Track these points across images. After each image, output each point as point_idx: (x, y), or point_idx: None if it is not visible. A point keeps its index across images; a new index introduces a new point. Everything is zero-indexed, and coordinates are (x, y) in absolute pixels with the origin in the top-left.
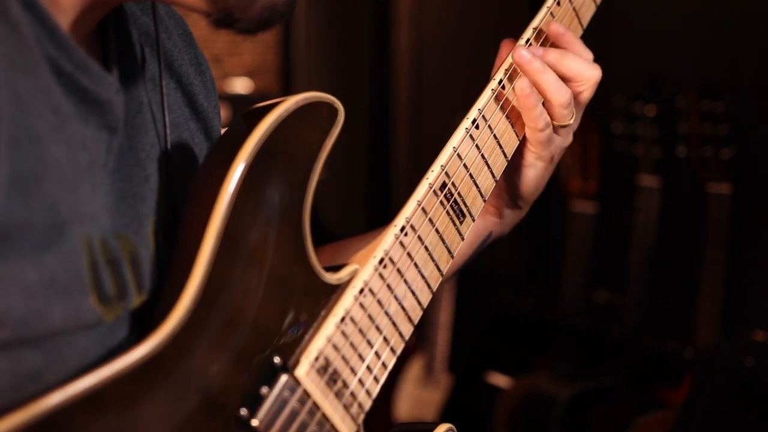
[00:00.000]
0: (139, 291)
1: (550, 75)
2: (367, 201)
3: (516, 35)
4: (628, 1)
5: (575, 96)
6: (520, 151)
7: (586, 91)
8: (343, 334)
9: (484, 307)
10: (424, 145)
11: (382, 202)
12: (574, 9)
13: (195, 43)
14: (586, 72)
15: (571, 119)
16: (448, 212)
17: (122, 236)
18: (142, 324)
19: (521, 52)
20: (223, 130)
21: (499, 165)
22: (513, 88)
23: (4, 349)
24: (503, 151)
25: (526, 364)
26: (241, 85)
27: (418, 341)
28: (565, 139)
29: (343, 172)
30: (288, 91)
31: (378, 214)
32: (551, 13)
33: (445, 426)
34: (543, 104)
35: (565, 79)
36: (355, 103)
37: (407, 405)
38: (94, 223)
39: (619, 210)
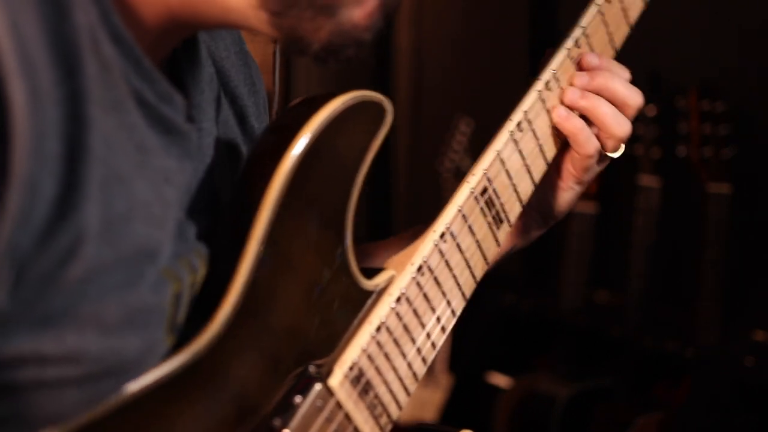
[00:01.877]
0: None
1: (606, 107)
2: (367, 201)
3: (516, 35)
4: None
5: None
6: (558, 173)
7: (630, 115)
8: (378, 344)
9: (485, 308)
10: (424, 145)
11: (382, 202)
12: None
13: (251, 61)
14: (631, 98)
15: (622, 150)
16: (487, 218)
17: (186, 261)
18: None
19: (571, 96)
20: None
21: (539, 170)
22: (551, 111)
23: (80, 383)
24: (545, 157)
25: (526, 364)
26: None
27: None
28: (604, 164)
29: None
30: (288, 90)
31: (378, 214)
32: (600, 12)
33: None
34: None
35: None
36: None
37: (407, 405)
38: (169, 253)
39: (619, 210)
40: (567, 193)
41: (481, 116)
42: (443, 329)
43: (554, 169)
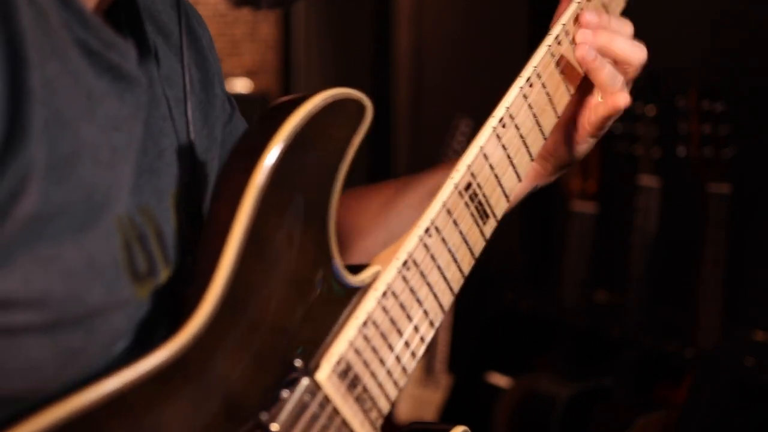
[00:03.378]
0: (166, 265)
1: (621, 39)
2: None
3: (516, 35)
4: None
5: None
6: (575, 128)
7: (632, 73)
8: (365, 338)
9: (484, 308)
10: (424, 145)
11: None
12: (603, 4)
13: (191, 10)
14: (633, 56)
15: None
16: (472, 214)
17: (145, 211)
18: (171, 298)
19: (588, 17)
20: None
21: (524, 164)
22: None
23: (46, 331)
24: (529, 152)
25: (526, 364)
26: (241, 85)
27: None
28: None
29: None
30: (288, 91)
31: None
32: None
33: (461, 428)
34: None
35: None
36: None
37: (407, 405)
38: (124, 199)
39: (619, 210)
40: (582, 146)
41: (481, 116)
42: (431, 323)
43: (570, 125)
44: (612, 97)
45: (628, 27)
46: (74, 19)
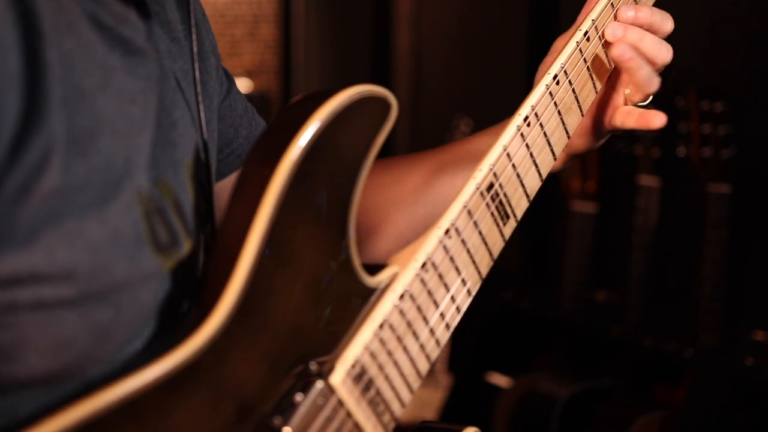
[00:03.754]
0: (188, 236)
1: (650, 38)
2: None
3: (515, 35)
4: None
5: None
6: (596, 122)
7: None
8: (381, 341)
9: (484, 307)
10: (423, 144)
11: None
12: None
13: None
14: (659, 55)
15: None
16: (492, 214)
17: (162, 183)
18: (193, 273)
19: (625, 13)
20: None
21: (547, 163)
22: (607, 54)
23: (75, 304)
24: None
25: (526, 364)
26: (241, 85)
27: None
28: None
29: None
30: (288, 91)
31: None
32: (611, 4)
33: (471, 429)
34: None
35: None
36: None
37: (407, 405)
38: (142, 172)
39: (619, 210)
40: (600, 141)
41: (481, 116)
42: (447, 326)
43: (591, 119)
44: (646, 116)
45: (668, 23)
46: None
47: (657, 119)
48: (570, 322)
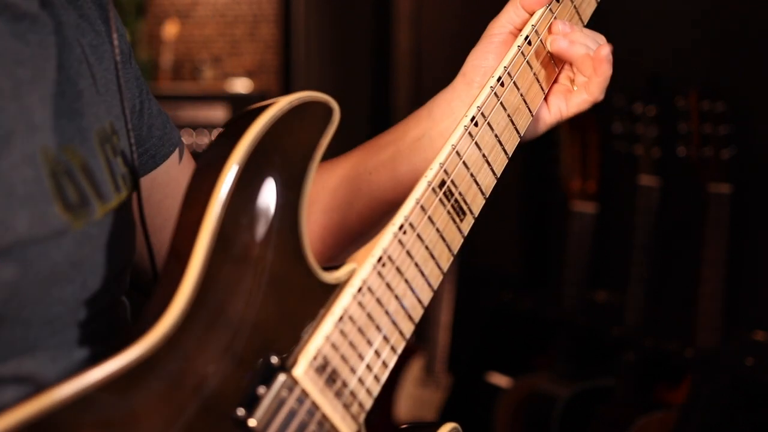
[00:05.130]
0: (100, 200)
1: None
2: None
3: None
4: (628, 2)
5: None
6: (546, 109)
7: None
8: (342, 333)
9: (484, 307)
10: None
11: None
12: (574, 6)
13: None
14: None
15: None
16: (448, 211)
17: (69, 149)
18: (108, 237)
19: (559, 26)
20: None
21: (500, 161)
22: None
23: None
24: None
25: (526, 364)
26: (241, 85)
27: (418, 341)
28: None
29: None
30: (288, 91)
31: None
32: (550, 10)
33: (449, 425)
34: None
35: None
36: (355, 103)
37: (407, 405)
38: (45, 135)
39: (619, 210)
40: (546, 128)
41: None
42: (411, 318)
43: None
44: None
45: (599, 39)
46: None
47: (598, 92)
48: (570, 322)
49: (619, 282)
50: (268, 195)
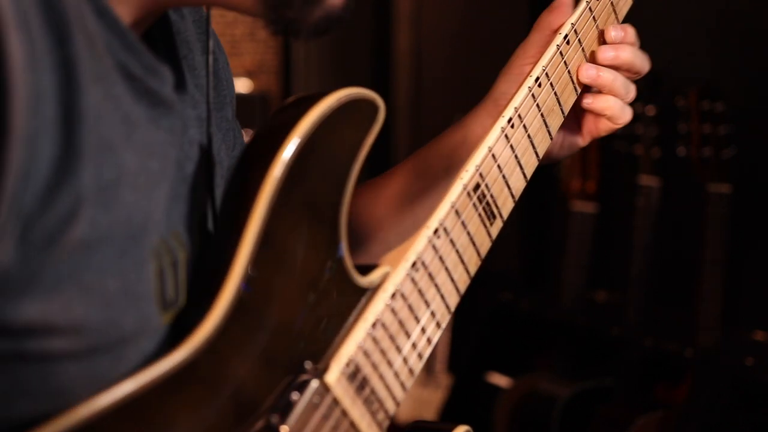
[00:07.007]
0: (184, 290)
1: (632, 50)
2: None
3: (516, 35)
4: None
5: None
6: (575, 128)
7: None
8: (374, 340)
9: (484, 307)
10: (423, 144)
11: None
12: (611, 2)
13: (210, 32)
14: (644, 69)
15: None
16: (480, 214)
17: (176, 236)
18: (184, 326)
19: (614, 34)
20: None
21: (531, 164)
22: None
23: (80, 358)
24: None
25: (526, 364)
26: (241, 85)
27: None
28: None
29: None
30: (288, 90)
31: None
32: (590, 9)
33: (463, 428)
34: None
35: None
36: None
37: (407, 405)
38: (161, 227)
39: (619, 210)
40: (580, 147)
41: None
42: (438, 325)
43: (570, 124)
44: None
45: (645, 66)
46: (118, 42)
47: (627, 114)
48: (570, 322)
49: (619, 282)
50: (312, 196)
